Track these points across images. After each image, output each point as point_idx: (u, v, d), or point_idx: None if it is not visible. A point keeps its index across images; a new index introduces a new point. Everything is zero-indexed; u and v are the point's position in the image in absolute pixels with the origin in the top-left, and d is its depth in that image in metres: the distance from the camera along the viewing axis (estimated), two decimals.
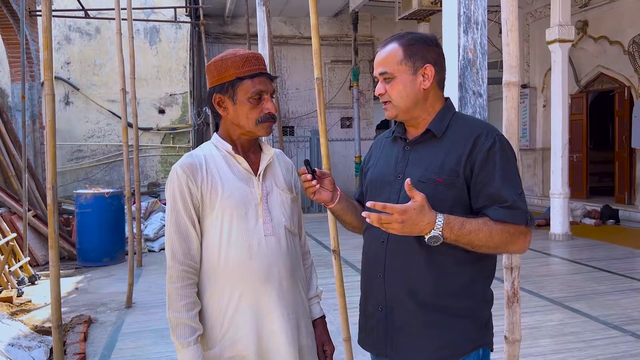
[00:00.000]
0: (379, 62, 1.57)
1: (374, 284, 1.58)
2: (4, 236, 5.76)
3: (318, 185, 1.61)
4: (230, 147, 1.65)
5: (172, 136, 11.83)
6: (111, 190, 7.23)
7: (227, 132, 1.68)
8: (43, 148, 8.63)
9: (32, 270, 6.01)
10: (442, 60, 1.58)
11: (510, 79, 1.87)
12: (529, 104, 11.64)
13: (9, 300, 4.97)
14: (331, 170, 2.33)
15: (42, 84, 8.62)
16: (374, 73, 1.59)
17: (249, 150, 1.70)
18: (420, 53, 1.53)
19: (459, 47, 2.91)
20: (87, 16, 9.63)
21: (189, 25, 11.60)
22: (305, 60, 12.63)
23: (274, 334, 1.60)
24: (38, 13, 8.54)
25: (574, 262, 6.56)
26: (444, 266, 1.48)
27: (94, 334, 4.32)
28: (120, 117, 8.07)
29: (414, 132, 1.60)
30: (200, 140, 11.66)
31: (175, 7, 10.26)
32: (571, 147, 9.13)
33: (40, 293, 5.44)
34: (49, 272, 2.78)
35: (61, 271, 3.37)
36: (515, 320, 1.89)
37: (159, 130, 11.73)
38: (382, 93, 1.56)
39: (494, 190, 1.43)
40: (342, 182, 11.73)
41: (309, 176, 1.59)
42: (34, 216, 6.87)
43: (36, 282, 5.91)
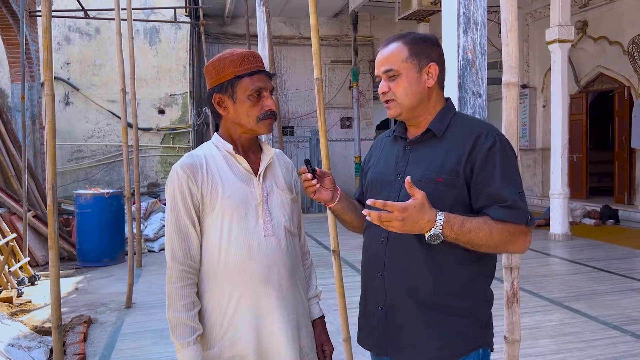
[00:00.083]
0: (382, 60, 1.56)
1: (374, 283, 1.58)
2: (4, 236, 5.76)
3: (318, 185, 1.61)
4: (231, 147, 1.65)
5: (172, 136, 11.83)
6: (111, 191, 7.23)
7: (228, 132, 1.68)
8: (43, 148, 8.63)
9: (32, 271, 6.01)
10: (443, 60, 1.60)
11: (510, 80, 1.87)
12: (529, 104, 11.64)
13: (8, 300, 4.97)
14: (331, 170, 2.33)
15: (42, 84, 8.61)
16: (377, 72, 1.58)
17: (250, 150, 1.69)
18: (425, 52, 1.54)
19: (458, 48, 2.91)
20: (86, 16, 9.64)
21: (188, 25, 11.60)
22: (305, 61, 12.62)
23: (274, 334, 1.60)
24: (38, 13, 8.54)
25: (574, 262, 6.56)
26: (444, 265, 1.48)
27: (93, 334, 4.32)
28: (120, 118, 8.07)
29: (414, 131, 1.60)
30: (200, 140, 11.65)
31: (175, 8, 10.26)
32: (571, 147, 9.13)
33: (40, 293, 5.44)
34: (48, 272, 2.78)
35: (61, 271, 3.37)
36: (515, 320, 1.89)
37: (158, 130, 11.73)
38: (385, 91, 1.55)
39: (494, 190, 1.43)
40: (342, 182, 11.71)
41: (310, 175, 1.59)
42: (33, 216, 6.87)
43: (36, 283, 5.90)
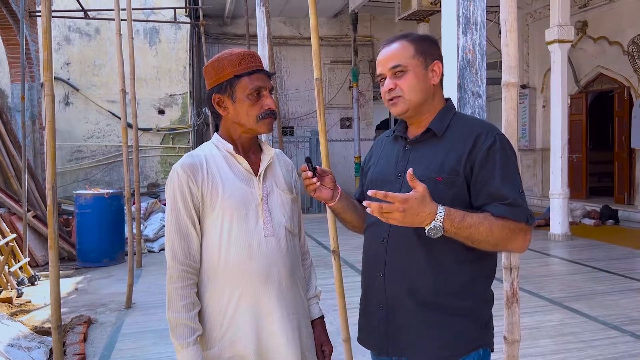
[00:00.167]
0: (388, 56, 1.55)
1: (374, 283, 1.58)
2: (4, 237, 5.76)
3: (319, 183, 1.61)
4: (231, 147, 1.65)
5: (171, 137, 11.83)
6: (111, 191, 7.22)
7: (228, 132, 1.68)
8: (43, 149, 8.63)
9: (31, 271, 6.01)
10: (442, 60, 1.61)
11: (509, 80, 1.87)
12: (529, 105, 11.64)
13: (8, 300, 4.97)
14: (331, 170, 2.32)
15: (42, 85, 8.62)
16: (381, 70, 1.57)
17: (250, 150, 1.69)
18: (429, 50, 1.56)
19: (458, 48, 2.91)
20: (86, 17, 9.64)
21: (188, 25, 11.60)
22: (305, 61, 12.62)
23: (274, 335, 1.60)
24: (38, 14, 8.54)
25: (574, 262, 6.56)
26: (444, 265, 1.48)
27: (93, 335, 4.32)
28: (119, 118, 8.07)
29: (414, 131, 1.61)
30: (200, 140, 11.65)
31: (175, 8, 10.26)
32: (571, 148, 9.13)
33: (39, 294, 5.44)
34: (48, 272, 2.78)
35: (61, 272, 3.37)
36: (515, 320, 1.89)
37: (158, 130, 11.73)
38: (392, 88, 1.54)
39: (494, 188, 1.44)
40: (342, 182, 11.64)
41: (310, 173, 1.59)
42: (33, 217, 6.87)
43: (36, 283, 5.90)
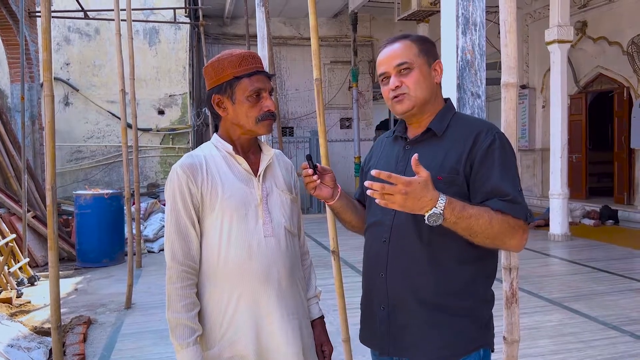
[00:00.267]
0: (394, 55, 1.55)
1: (375, 283, 1.58)
2: (4, 237, 5.76)
3: (319, 181, 1.61)
4: (230, 147, 1.65)
5: (171, 137, 11.83)
6: (110, 191, 7.22)
7: (227, 133, 1.68)
8: (42, 149, 8.63)
9: (31, 271, 6.01)
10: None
11: (509, 80, 1.87)
12: (528, 105, 11.64)
13: (8, 301, 4.97)
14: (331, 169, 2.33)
15: (42, 85, 8.62)
16: (385, 68, 1.57)
17: (249, 150, 1.70)
18: (431, 50, 1.59)
19: (457, 48, 2.91)
20: (86, 17, 9.65)
21: (188, 26, 11.60)
22: (304, 61, 12.61)
23: (273, 335, 1.60)
24: (37, 14, 8.54)
25: (573, 262, 6.56)
26: (446, 264, 1.48)
27: (93, 335, 4.32)
28: (119, 118, 8.07)
29: (414, 131, 1.61)
30: (200, 141, 11.65)
31: (175, 8, 10.26)
32: (570, 148, 9.13)
33: (39, 294, 5.44)
34: (48, 273, 2.78)
35: (60, 272, 3.37)
36: (514, 320, 1.89)
37: (158, 131, 11.72)
38: (398, 85, 1.54)
39: (493, 185, 1.44)
40: (342, 182, 11.57)
41: (310, 171, 1.59)
42: (33, 217, 6.87)
43: (35, 283, 5.90)
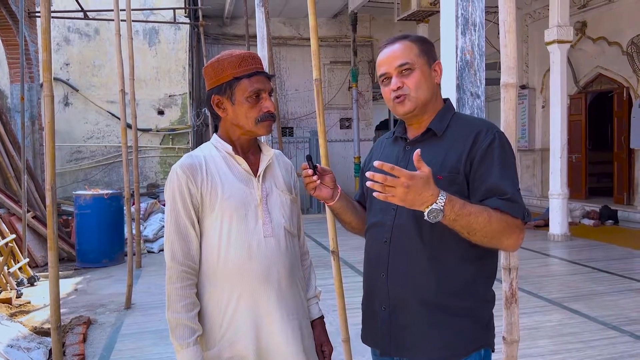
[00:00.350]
0: (395, 55, 1.55)
1: (377, 284, 1.58)
2: (3, 237, 5.76)
3: (319, 181, 1.61)
4: (230, 147, 1.65)
5: (171, 137, 11.83)
6: (110, 192, 7.22)
7: (227, 133, 1.68)
8: (42, 149, 8.63)
9: (31, 272, 6.01)
10: None
11: (508, 81, 1.88)
12: (528, 105, 11.64)
13: (8, 301, 4.97)
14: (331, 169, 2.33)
15: (41, 85, 8.60)
16: (386, 69, 1.56)
17: (249, 151, 1.70)
18: (431, 51, 1.59)
19: (456, 49, 2.91)
20: (86, 17, 9.65)
21: (188, 26, 11.59)
22: (304, 61, 12.61)
23: (273, 335, 1.60)
24: (37, 14, 8.54)
25: (573, 262, 6.56)
26: (447, 264, 1.49)
27: (93, 335, 4.32)
28: (119, 118, 8.07)
29: (414, 132, 1.62)
30: (200, 141, 11.65)
31: (175, 8, 10.26)
32: (570, 148, 9.13)
33: (39, 294, 5.44)
34: (48, 273, 2.78)
35: (60, 272, 3.37)
36: (514, 320, 1.90)
37: (158, 131, 11.72)
38: (400, 86, 1.54)
39: (492, 183, 1.45)
40: (342, 182, 11.56)
41: (310, 171, 1.59)
42: (33, 217, 6.87)
43: (35, 284, 5.90)
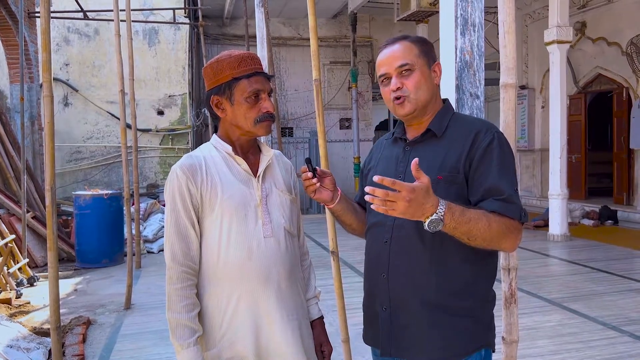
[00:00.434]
0: (395, 56, 1.55)
1: (377, 284, 1.58)
2: (3, 238, 5.76)
3: (318, 184, 1.61)
4: (230, 148, 1.65)
5: (171, 137, 11.83)
6: (110, 192, 7.22)
7: (226, 133, 1.68)
8: (42, 149, 8.63)
9: (30, 272, 6.01)
10: None
11: (508, 81, 1.88)
12: (528, 105, 11.65)
13: (7, 301, 4.97)
14: (330, 171, 2.33)
15: (41, 86, 8.61)
16: (386, 69, 1.56)
17: (248, 151, 1.70)
18: (430, 51, 1.59)
19: (456, 49, 2.91)
20: (85, 17, 9.66)
21: (187, 26, 11.60)
22: (304, 62, 12.61)
23: (273, 335, 1.60)
24: (37, 14, 8.54)
25: (573, 262, 6.56)
26: (448, 264, 1.49)
27: (92, 336, 4.31)
28: (119, 119, 8.07)
29: (414, 132, 1.62)
30: (199, 141, 11.65)
31: (174, 9, 10.27)
32: (570, 148, 9.14)
33: (39, 294, 5.43)
34: (47, 273, 2.78)
35: (60, 273, 3.37)
36: (513, 321, 1.90)
37: (157, 131, 11.73)
38: (400, 87, 1.54)
39: (490, 183, 1.45)
40: (341, 183, 11.68)
41: (310, 174, 1.59)
42: (32, 218, 6.87)
43: (35, 284, 5.90)
